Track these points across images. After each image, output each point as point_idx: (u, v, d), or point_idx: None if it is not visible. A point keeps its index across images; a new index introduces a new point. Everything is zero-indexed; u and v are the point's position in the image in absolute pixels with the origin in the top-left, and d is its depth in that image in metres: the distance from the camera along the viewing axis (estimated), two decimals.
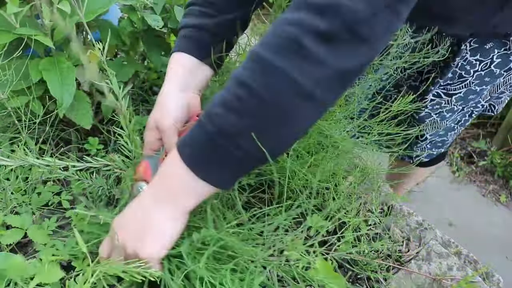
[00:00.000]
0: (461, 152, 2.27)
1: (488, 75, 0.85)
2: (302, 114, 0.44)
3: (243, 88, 0.43)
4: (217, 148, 0.45)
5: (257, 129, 0.44)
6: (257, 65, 0.43)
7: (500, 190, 2.09)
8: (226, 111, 0.44)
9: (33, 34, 0.67)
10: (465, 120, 0.99)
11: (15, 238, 0.64)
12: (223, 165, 0.46)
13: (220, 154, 0.45)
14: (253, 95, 0.43)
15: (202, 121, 0.46)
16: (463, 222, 1.87)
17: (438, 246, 0.78)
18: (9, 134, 0.78)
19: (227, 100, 0.44)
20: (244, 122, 0.44)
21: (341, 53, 0.41)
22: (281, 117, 0.43)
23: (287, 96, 0.42)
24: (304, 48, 0.41)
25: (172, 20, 0.94)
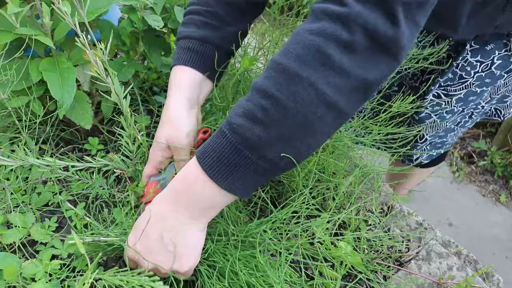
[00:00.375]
0: (461, 152, 2.27)
1: (488, 77, 0.84)
2: (326, 123, 0.44)
3: (267, 98, 0.43)
4: (242, 159, 0.45)
5: (283, 140, 0.44)
6: (282, 75, 0.43)
7: (500, 190, 2.09)
8: (250, 122, 0.44)
9: (34, 34, 0.67)
10: (465, 122, 0.99)
11: (16, 237, 0.65)
12: (247, 175, 0.46)
13: (246, 165, 0.45)
14: (278, 105, 0.42)
15: (224, 132, 0.45)
16: (463, 222, 1.87)
17: (438, 246, 0.78)
18: (9, 134, 0.78)
19: (251, 111, 0.44)
20: (270, 133, 0.43)
21: (365, 64, 0.42)
22: (306, 127, 0.44)
23: (313, 106, 0.42)
24: (329, 58, 0.41)
25: (172, 20, 0.94)
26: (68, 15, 0.49)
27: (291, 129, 0.43)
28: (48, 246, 0.65)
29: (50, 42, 0.70)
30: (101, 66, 0.55)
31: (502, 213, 1.97)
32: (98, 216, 0.76)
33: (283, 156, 0.44)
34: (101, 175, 0.78)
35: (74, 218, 0.74)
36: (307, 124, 0.43)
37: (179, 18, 0.93)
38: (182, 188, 0.49)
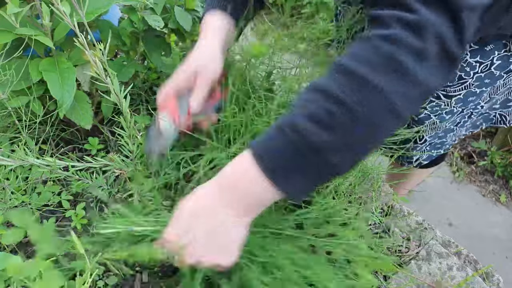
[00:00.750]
0: (461, 152, 2.27)
1: (488, 77, 0.84)
2: (388, 129, 0.45)
3: (335, 103, 0.43)
4: (304, 162, 0.44)
5: (347, 145, 0.44)
6: (352, 80, 0.43)
7: (500, 190, 2.09)
8: (316, 126, 0.43)
9: (33, 34, 0.67)
10: (464, 122, 0.99)
11: (16, 237, 0.64)
12: (306, 178, 0.46)
13: (307, 167, 0.45)
14: (347, 111, 0.42)
15: (286, 132, 0.45)
16: (463, 222, 1.87)
17: (438, 246, 0.78)
18: (9, 134, 0.78)
19: (317, 115, 0.43)
20: (336, 139, 0.43)
21: (435, 72, 0.43)
22: (371, 133, 0.44)
23: (381, 114, 0.43)
24: (401, 65, 0.41)
25: (173, 20, 0.94)
26: (67, 15, 0.49)
27: (356, 135, 0.44)
28: (47, 246, 0.65)
29: (50, 42, 0.70)
30: (101, 66, 0.55)
31: (502, 213, 1.97)
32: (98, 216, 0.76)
33: (345, 161, 0.45)
34: (101, 175, 0.78)
35: (74, 218, 0.74)
36: (372, 130, 0.44)
37: (179, 19, 0.93)
38: (233, 184, 0.48)
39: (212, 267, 0.51)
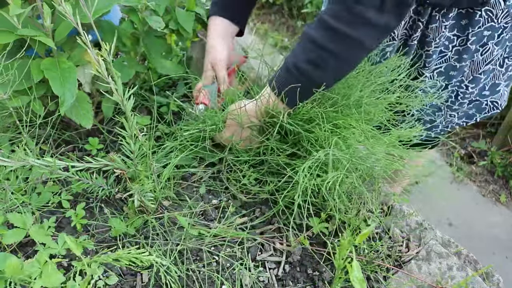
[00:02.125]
0: (461, 152, 2.27)
1: (465, 52, 0.88)
2: (361, 59, 0.72)
3: (325, 52, 0.67)
4: (305, 89, 0.72)
5: (334, 76, 0.72)
6: (336, 35, 0.66)
7: (500, 190, 2.09)
8: (314, 67, 0.69)
9: (35, 35, 0.68)
10: (452, 102, 1.00)
11: (17, 238, 0.65)
12: (304, 96, 0.75)
13: (306, 91, 0.73)
14: (333, 57, 0.67)
15: (291, 71, 0.72)
16: (463, 222, 1.87)
17: (438, 246, 0.78)
18: (9, 134, 0.78)
19: (314, 59, 0.69)
20: (326, 74, 0.70)
21: (392, 17, 0.65)
22: (350, 65, 0.71)
23: (358, 54, 0.69)
24: (369, 21, 0.64)
25: (173, 21, 0.94)
26: (70, 15, 0.49)
27: (340, 70, 0.71)
28: (47, 246, 0.65)
29: (51, 43, 0.70)
30: (103, 66, 0.56)
31: (502, 213, 1.97)
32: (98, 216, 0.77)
33: (331, 83, 0.73)
34: (101, 175, 0.78)
35: (74, 218, 0.74)
36: (353, 64, 0.71)
37: (180, 20, 0.93)
38: (263, 102, 0.78)
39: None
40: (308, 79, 0.71)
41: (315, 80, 0.71)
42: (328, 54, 0.67)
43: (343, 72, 0.72)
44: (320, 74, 0.70)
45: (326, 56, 0.67)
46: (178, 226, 0.76)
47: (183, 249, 0.72)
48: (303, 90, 0.72)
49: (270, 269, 0.73)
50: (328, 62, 0.68)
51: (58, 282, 0.57)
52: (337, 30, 0.65)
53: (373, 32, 0.66)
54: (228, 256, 0.72)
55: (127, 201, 0.78)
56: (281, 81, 0.74)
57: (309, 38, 0.69)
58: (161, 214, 0.78)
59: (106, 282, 0.65)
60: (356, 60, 0.71)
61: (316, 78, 0.70)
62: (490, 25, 0.83)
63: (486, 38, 0.86)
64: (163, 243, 0.73)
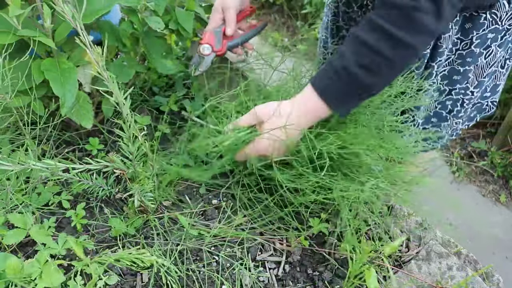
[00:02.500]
0: (461, 152, 2.27)
1: (469, 55, 0.88)
2: (410, 64, 0.77)
3: (379, 56, 0.65)
4: (355, 94, 0.70)
5: (385, 81, 0.70)
6: (392, 41, 0.64)
7: (500, 190, 2.09)
8: (366, 72, 0.66)
9: (35, 35, 0.68)
10: (458, 111, 0.99)
11: (17, 238, 0.65)
12: (354, 103, 0.72)
13: (355, 97, 0.70)
14: (387, 62, 0.65)
15: (343, 77, 0.67)
16: (463, 222, 1.87)
17: (438, 246, 0.78)
18: (9, 134, 0.78)
19: (367, 64, 0.66)
20: (378, 80, 0.68)
21: (445, 24, 0.67)
22: (400, 72, 0.71)
23: (410, 61, 0.68)
24: (428, 28, 0.63)
25: (173, 21, 0.94)
26: (70, 15, 0.49)
27: (393, 75, 0.70)
28: (47, 246, 0.65)
29: (51, 43, 0.70)
30: (103, 66, 0.56)
31: (502, 213, 1.97)
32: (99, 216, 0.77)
33: (381, 89, 0.71)
34: (101, 175, 0.79)
35: (74, 218, 0.74)
36: (403, 69, 0.70)
37: (180, 20, 0.93)
38: (305, 111, 0.72)
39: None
40: (358, 83, 0.67)
41: (365, 85, 0.68)
42: (382, 59, 0.65)
43: (393, 77, 0.71)
44: (372, 79, 0.67)
45: (380, 61, 0.65)
46: (178, 226, 0.76)
47: (183, 249, 0.72)
48: (351, 94, 0.70)
49: (270, 269, 0.73)
50: (381, 67, 0.66)
51: (58, 282, 0.57)
52: (394, 35, 0.63)
53: (427, 39, 0.66)
54: (228, 256, 0.72)
55: (127, 201, 0.78)
56: (327, 84, 0.70)
57: (362, 41, 0.66)
58: (161, 214, 0.78)
59: (106, 282, 0.65)
60: (406, 65, 0.69)
61: (367, 83, 0.67)
62: (494, 27, 0.83)
63: (489, 40, 0.85)
64: (163, 243, 0.73)
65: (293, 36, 3.28)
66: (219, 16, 0.94)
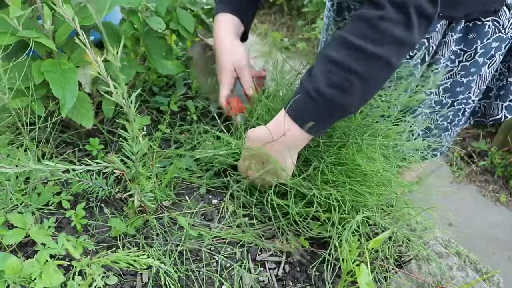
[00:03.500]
0: (461, 152, 2.27)
1: (473, 66, 0.86)
2: (387, 78, 0.66)
3: (351, 73, 0.61)
4: (330, 115, 0.66)
5: (361, 98, 0.65)
6: (362, 54, 0.60)
7: (500, 190, 2.09)
8: (339, 92, 0.62)
9: (36, 36, 0.68)
10: (458, 120, 0.99)
11: (17, 238, 0.65)
12: (329, 123, 0.69)
13: (331, 118, 0.67)
14: (359, 78, 0.61)
15: (316, 99, 0.64)
16: (463, 222, 1.87)
17: (438, 246, 0.78)
18: (8, 135, 0.78)
19: (338, 82, 0.62)
20: (352, 98, 0.63)
21: (417, 32, 0.61)
22: (377, 85, 0.65)
23: (384, 74, 0.64)
24: (397, 38, 0.60)
25: (174, 21, 0.94)
26: (70, 17, 0.49)
27: (368, 93, 0.65)
28: (47, 246, 0.65)
29: (52, 44, 0.70)
30: (102, 67, 0.56)
31: (502, 213, 1.97)
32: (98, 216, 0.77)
33: (358, 107, 0.66)
34: (101, 175, 0.79)
35: (74, 218, 0.74)
36: (379, 85, 0.65)
37: (182, 20, 0.93)
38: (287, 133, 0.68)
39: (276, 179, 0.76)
40: (332, 104, 0.64)
41: (340, 105, 0.64)
42: (354, 75, 0.61)
43: (370, 94, 0.66)
44: (346, 99, 0.63)
45: (352, 78, 0.61)
46: (178, 226, 0.76)
47: (183, 249, 0.72)
48: (326, 116, 0.66)
49: (270, 269, 0.73)
50: (354, 84, 0.62)
51: (58, 282, 0.57)
52: (362, 48, 0.60)
53: (399, 49, 0.62)
54: (228, 256, 0.72)
55: (127, 201, 0.78)
56: (300, 108, 0.66)
57: (331, 59, 0.63)
58: (161, 214, 0.78)
59: (106, 282, 0.65)
60: (382, 80, 0.65)
61: (341, 103, 0.64)
62: (498, 35, 0.82)
63: (494, 50, 0.84)
64: (163, 243, 0.73)
65: (293, 36, 3.28)
66: (232, 75, 0.88)
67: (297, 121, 0.67)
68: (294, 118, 0.67)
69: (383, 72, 0.63)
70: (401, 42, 0.60)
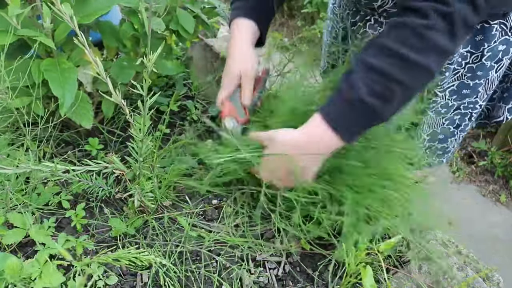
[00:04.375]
0: (461, 152, 2.27)
1: (480, 69, 0.86)
2: (424, 88, 0.70)
3: (393, 82, 0.61)
4: (369, 123, 0.66)
5: (398, 108, 0.65)
6: (405, 63, 0.60)
7: (500, 190, 2.09)
8: (381, 101, 0.62)
9: (35, 35, 0.68)
10: (465, 125, 0.98)
11: (17, 238, 0.65)
12: (365, 130, 0.67)
13: (369, 125, 0.66)
14: (401, 86, 0.61)
15: (357, 107, 0.63)
16: (463, 222, 1.87)
17: (438, 246, 0.78)
18: (9, 135, 0.78)
19: (381, 92, 0.61)
20: (393, 106, 0.63)
21: (460, 42, 0.62)
22: (414, 95, 0.65)
23: (425, 82, 0.64)
24: (442, 48, 0.60)
25: (174, 22, 0.94)
26: (68, 16, 0.49)
27: (407, 100, 0.65)
28: (47, 246, 0.65)
29: (51, 43, 0.70)
30: (101, 66, 0.56)
31: (502, 213, 1.97)
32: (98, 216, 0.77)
33: (395, 114, 0.65)
34: (101, 175, 0.78)
35: (74, 218, 0.74)
36: (417, 93, 0.65)
37: (182, 21, 0.93)
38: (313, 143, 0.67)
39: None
40: (372, 113, 0.63)
41: (379, 114, 0.63)
42: (396, 84, 0.61)
43: (407, 102, 0.65)
44: (387, 107, 0.63)
45: (393, 86, 0.61)
46: (178, 226, 0.76)
47: (183, 250, 0.72)
48: (365, 124, 0.66)
49: (270, 269, 0.73)
50: (395, 93, 0.62)
51: (58, 282, 0.57)
52: (406, 57, 0.60)
53: (442, 58, 0.62)
54: (228, 256, 0.72)
55: (127, 201, 0.78)
56: (339, 115, 0.65)
57: (371, 67, 0.62)
58: (161, 214, 0.78)
59: (106, 282, 0.65)
60: (421, 88, 0.65)
61: (381, 112, 0.63)
62: (505, 38, 0.81)
63: (501, 53, 0.83)
64: (162, 244, 0.73)
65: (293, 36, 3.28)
66: (236, 81, 0.85)
67: (336, 129, 0.65)
68: (332, 125, 0.65)
69: (424, 80, 0.63)
70: (444, 51, 0.60)
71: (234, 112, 0.82)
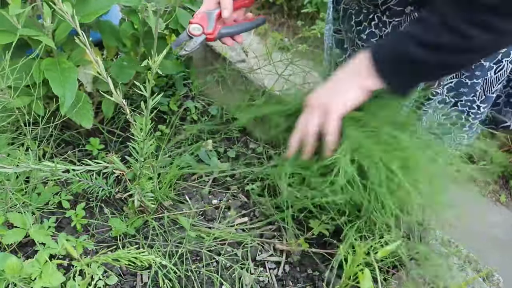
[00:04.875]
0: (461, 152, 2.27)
1: (478, 69, 0.85)
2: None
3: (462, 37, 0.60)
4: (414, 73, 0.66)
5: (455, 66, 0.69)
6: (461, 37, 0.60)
7: (500, 190, 2.09)
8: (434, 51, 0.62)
9: (35, 35, 0.68)
10: (462, 124, 0.98)
11: (17, 238, 0.65)
12: (414, 81, 0.69)
13: (415, 78, 0.68)
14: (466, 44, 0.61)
15: (410, 51, 0.63)
16: (463, 222, 1.87)
17: (438, 246, 0.78)
18: (9, 134, 0.78)
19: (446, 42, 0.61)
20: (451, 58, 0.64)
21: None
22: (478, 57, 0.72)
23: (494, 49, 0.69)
24: (496, 29, 0.59)
25: (174, 21, 0.93)
26: (69, 15, 0.49)
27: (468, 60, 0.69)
28: (47, 246, 0.65)
29: (51, 43, 0.70)
30: (102, 66, 0.56)
31: (502, 213, 1.97)
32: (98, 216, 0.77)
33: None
34: (101, 175, 0.78)
35: (74, 218, 0.74)
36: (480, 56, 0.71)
37: (181, 21, 0.93)
38: (357, 70, 0.68)
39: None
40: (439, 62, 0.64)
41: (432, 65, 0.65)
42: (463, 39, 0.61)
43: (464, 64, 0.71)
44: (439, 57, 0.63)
45: (459, 41, 0.62)
46: (178, 226, 0.76)
47: (183, 250, 0.72)
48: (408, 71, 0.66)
49: (270, 269, 0.73)
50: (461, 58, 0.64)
51: (58, 282, 0.57)
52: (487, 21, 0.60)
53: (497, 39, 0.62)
54: (228, 256, 0.72)
55: (127, 201, 0.78)
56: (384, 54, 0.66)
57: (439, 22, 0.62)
58: (161, 214, 0.78)
59: (106, 282, 0.65)
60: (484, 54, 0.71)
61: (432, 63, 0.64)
62: None
63: (500, 55, 0.83)
64: (163, 243, 0.73)
65: (293, 36, 3.28)
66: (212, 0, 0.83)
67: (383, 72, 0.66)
68: (376, 60, 0.66)
69: (476, 58, 0.70)
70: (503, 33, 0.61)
71: (204, 22, 0.80)
